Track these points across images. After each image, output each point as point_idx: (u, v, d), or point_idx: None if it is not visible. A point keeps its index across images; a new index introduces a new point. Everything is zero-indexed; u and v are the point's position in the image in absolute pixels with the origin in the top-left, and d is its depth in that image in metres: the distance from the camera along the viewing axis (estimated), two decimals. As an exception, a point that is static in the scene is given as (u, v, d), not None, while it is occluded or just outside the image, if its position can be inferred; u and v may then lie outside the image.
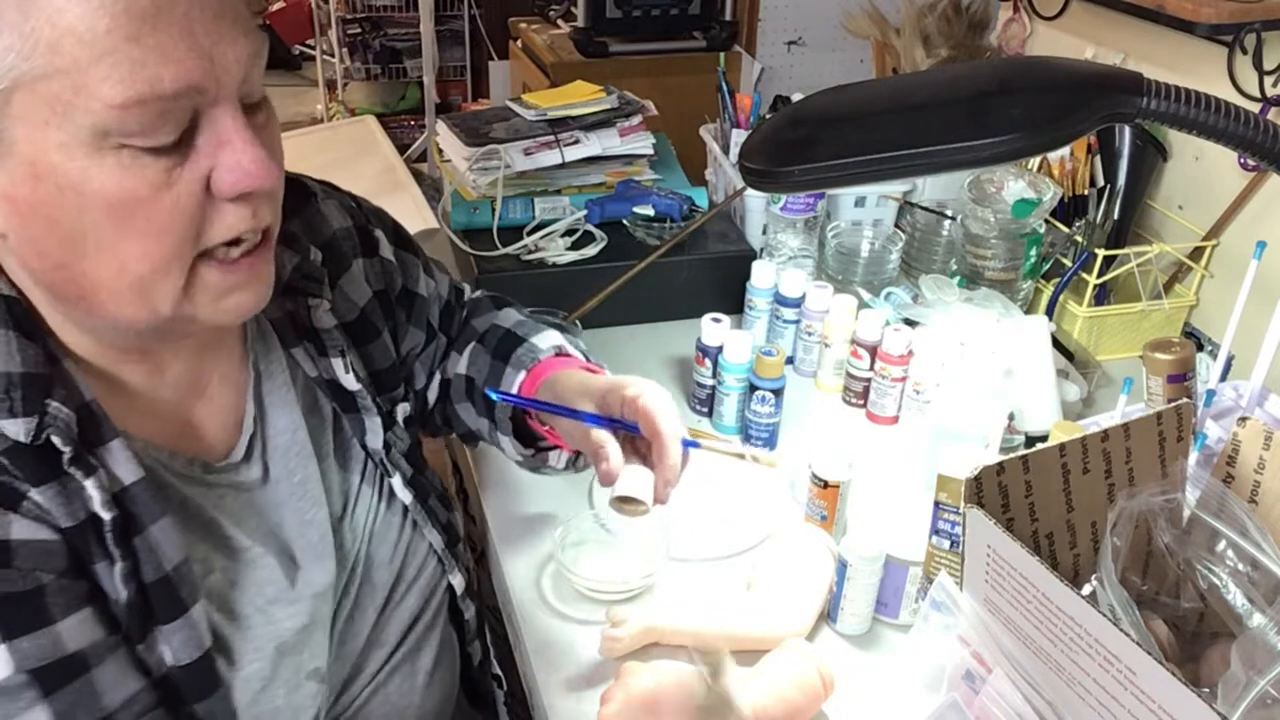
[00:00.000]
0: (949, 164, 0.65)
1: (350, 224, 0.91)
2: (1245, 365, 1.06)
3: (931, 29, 1.79)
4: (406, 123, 4.34)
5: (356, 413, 0.87)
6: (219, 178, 0.64)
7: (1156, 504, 0.76)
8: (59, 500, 0.65)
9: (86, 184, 0.61)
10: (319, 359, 0.85)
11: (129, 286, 0.65)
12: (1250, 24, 1.27)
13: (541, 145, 1.49)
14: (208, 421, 0.79)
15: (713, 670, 0.83)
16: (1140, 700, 0.59)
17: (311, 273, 0.85)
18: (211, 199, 0.65)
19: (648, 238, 1.47)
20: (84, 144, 0.60)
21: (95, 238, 0.63)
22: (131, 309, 0.66)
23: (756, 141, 0.73)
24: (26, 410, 0.64)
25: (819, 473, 1.07)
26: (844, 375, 1.34)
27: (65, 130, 0.59)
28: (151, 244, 0.64)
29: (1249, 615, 0.75)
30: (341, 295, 0.89)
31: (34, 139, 0.60)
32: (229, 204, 0.66)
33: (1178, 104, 0.63)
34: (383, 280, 0.94)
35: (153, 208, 0.63)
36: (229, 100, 0.64)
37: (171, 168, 0.63)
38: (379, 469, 0.88)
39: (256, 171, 0.65)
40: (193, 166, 0.64)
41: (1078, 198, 1.49)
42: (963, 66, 1.44)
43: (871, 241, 1.51)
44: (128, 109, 0.59)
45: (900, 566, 0.98)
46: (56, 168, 0.60)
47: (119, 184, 0.61)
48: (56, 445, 0.65)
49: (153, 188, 0.62)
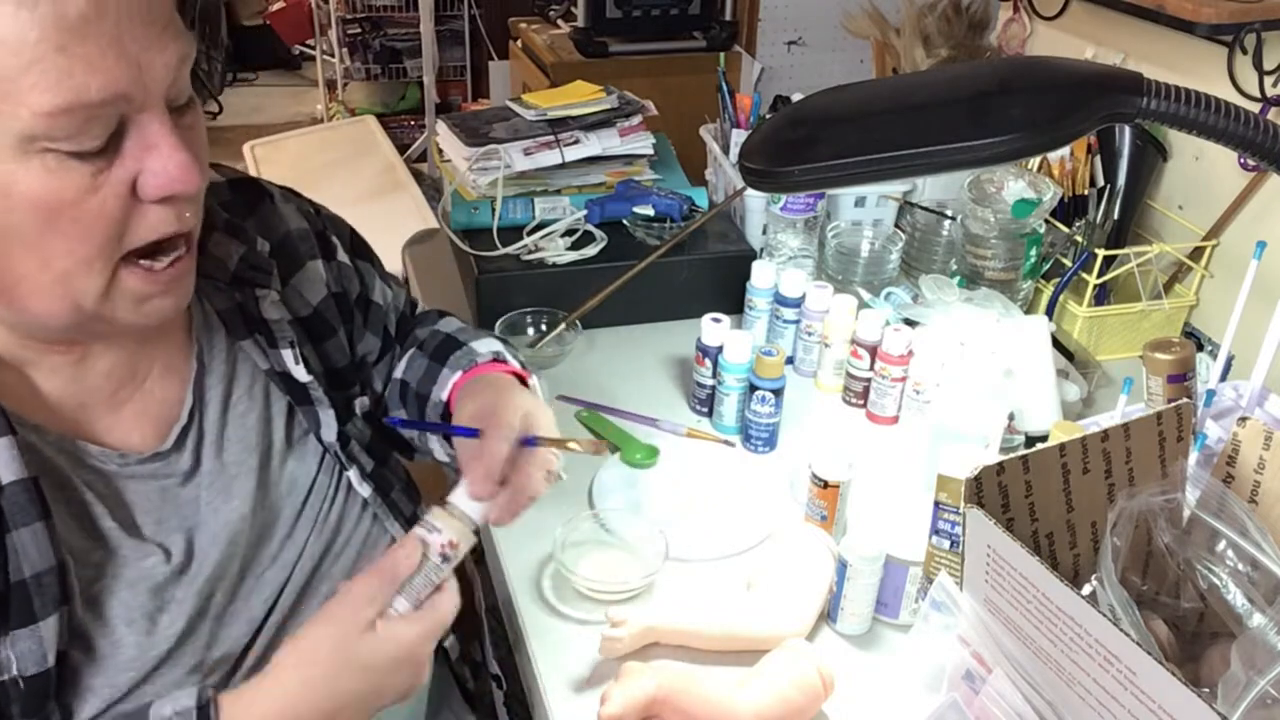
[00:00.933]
0: (949, 164, 0.65)
1: (307, 226, 0.92)
2: (1245, 365, 1.06)
3: (931, 29, 1.79)
4: (406, 123, 4.34)
5: (310, 405, 0.87)
6: (144, 182, 0.66)
7: (1156, 504, 0.76)
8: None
9: (13, 186, 0.62)
10: (270, 350, 0.85)
11: (52, 282, 0.66)
12: (1250, 24, 1.27)
13: (541, 145, 1.49)
14: (143, 412, 0.79)
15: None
16: (1140, 700, 0.59)
17: (259, 264, 0.85)
18: (137, 201, 0.66)
19: (648, 238, 1.47)
20: (10, 148, 0.61)
21: (20, 235, 0.64)
22: (53, 303, 0.67)
23: (756, 141, 0.73)
24: None
25: (819, 473, 1.07)
26: (844, 375, 1.34)
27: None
28: (76, 244, 0.65)
29: (1249, 615, 0.75)
30: (294, 292, 0.89)
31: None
32: (154, 206, 0.67)
33: (1178, 104, 0.63)
34: (340, 284, 0.94)
35: (78, 209, 0.64)
36: (156, 105, 0.65)
37: (98, 171, 0.64)
38: (336, 462, 0.88)
39: (182, 176, 0.66)
40: (119, 170, 0.65)
41: (1078, 198, 1.49)
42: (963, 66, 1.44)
43: (871, 241, 1.51)
44: (55, 116, 0.60)
45: (900, 566, 0.98)
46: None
47: (45, 186, 0.62)
48: None
49: (79, 191, 0.63)
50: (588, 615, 1.00)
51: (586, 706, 0.91)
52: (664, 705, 0.87)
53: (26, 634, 0.68)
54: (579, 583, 1.02)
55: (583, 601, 1.02)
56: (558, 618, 1.01)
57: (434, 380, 0.96)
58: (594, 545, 1.07)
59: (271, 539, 0.84)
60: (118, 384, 0.78)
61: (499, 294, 1.40)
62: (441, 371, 0.96)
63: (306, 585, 0.86)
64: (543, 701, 0.93)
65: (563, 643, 0.98)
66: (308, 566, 0.86)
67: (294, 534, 0.85)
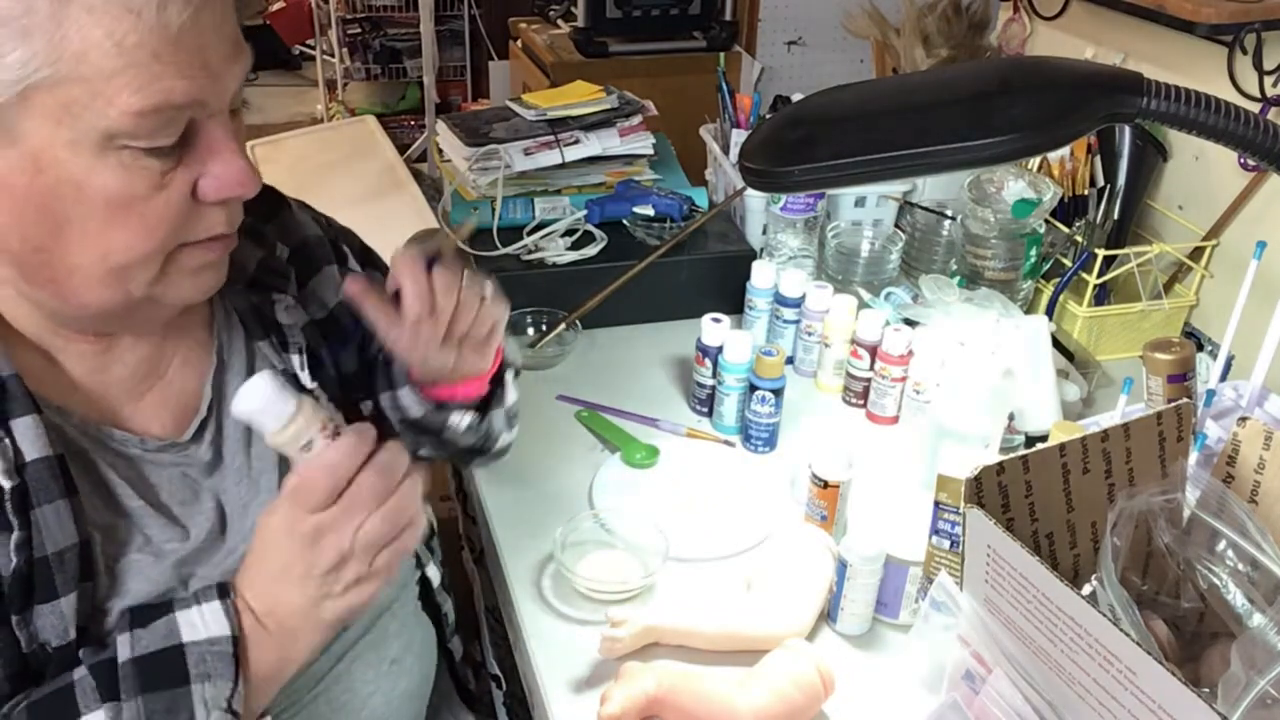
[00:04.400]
0: (949, 164, 0.65)
1: (321, 234, 0.95)
2: (1245, 365, 1.06)
3: (931, 29, 1.79)
4: (406, 123, 4.34)
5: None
6: (205, 184, 0.69)
7: (1156, 504, 0.76)
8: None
9: (88, 180, 0.65)
10: (281, 353, 0.88)
11: (107, 272, 0.69)
12: (1250, 24, 1.28)
13: (541, 145, 1.49)
14: (163, 403, 0.81)
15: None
16: (1140, 700, 0.59)
17: (277, 268, 0.89)
18: (195, 202, 0.70)
19: (648, 238, 1.47)
20: (92, 144, 0.64)
21: (83, 227, 0.67)
22: (103, 292, 0.70)
23: (756, 141, 0.73)
24: None
25: (819, 473, 1.07)
26: (844, 375, 1.34)
27: (75, 130, 0.63)
28: (137, 239, 0.68)
29: (1249, 615, 0.75)
30: (312, 295, 0.92)
31: (44, 135, 0.64)
32: (211, 207, 0.71)
33: (1178, 104, 0.63)
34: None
35: (145, 205, 0.67)
36: (223, 111, 0.69)
37: (166, 170, 0.67)
38: None
39: (241, 180, 0.70)
40: (184, 171, 0.68)
41: (1078, 198, 1.49)
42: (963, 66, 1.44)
43: (871, 241, 1.51)
44: (141, 116, 0.63)
45: (900, 566, 0.98)
46: (61, 163, 0.64)
47: (119, 181, 0.66)
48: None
49: (148, 188, 0.67)
50: (588, 615, 1.00)
51: (586, 706, 0.91)
52: (664, 705, 0.87)
53: (48, 610, 0.70)
54: (579, 583, 1.02)
55: (583, 601, 1.02)
56: (558, 618, 1.01)
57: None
58: (594, 545, 1.07)
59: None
60: (140, 375, 0.80)
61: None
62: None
63: None
64: (543, 701, 0.93)
65: (563, 643, 0.98)
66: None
67: None
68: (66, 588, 0.71)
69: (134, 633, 0.71)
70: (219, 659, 0.71)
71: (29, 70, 0.61)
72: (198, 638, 0.71)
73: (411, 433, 0.96)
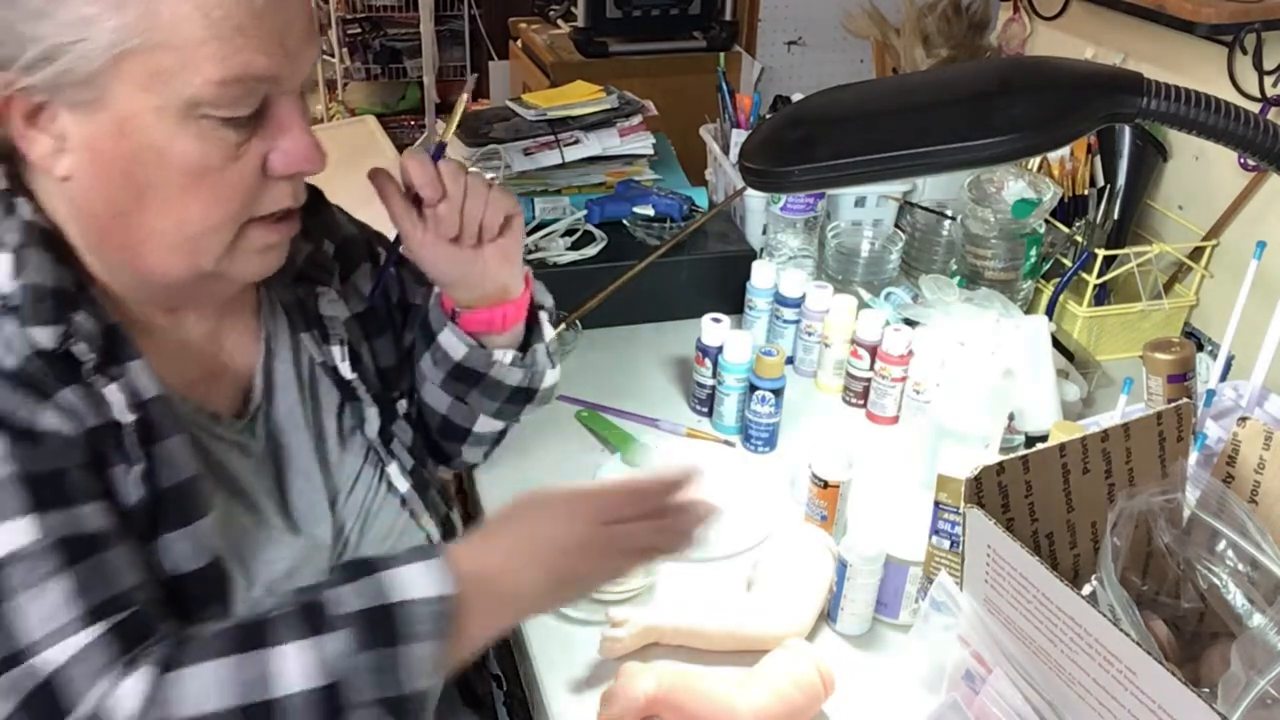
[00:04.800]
0: (949, 164, 0.65)
1: (358, 233, 0.99)
2: (1245, 365, 1.06)
3: (931, 29, 1.79)
4: (406, 123, 4.33)
5: (356, 401, 0.91)
6: (275, 159, 0.73)
7: (1156, 504, 0.76)
8: (85, 402, 0.70)
9: (169, 147, 0.69)
10: (322, 345, 0.90)
11: (182, 240, 0.73)
12: (1250, 24, 1.27)
13: (541, 145, 1.49)
14: (215, 386, 0.84)
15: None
16: (1140, 700, 0.59)
17: (323, 263, 0.92)
18: (265, 176, 0.74)
19: (648, 238, 1.47)
20: (175, 111, 0.68)
21: (162, 193, 0.71)
22: (176, 260, 0.74)
23: (756, 141, 0.73)
24: (54, 319, 0.70)
25: (819, 473, 1.07)
26: (844, 375, 1.34)
27: (161, 97, 0.67)
28: (211, 206, 0.72)
29: (1249, 615, 0.75)
30: (353, 288, 0.95)
31: (133, 99, 0.67)
32: (279, 181, 0.75)
33: (1178, 104, 0.63)
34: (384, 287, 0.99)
35: (220, 175, 0.71)
36: (295, 90, 0.73)
37: (241, 142, 0.71)
38: (378, 456, 0.93)
39: (309, 155, 0.74)
40: (257, 144, 0.72)
41: (1078, 198, 1.49)
42: (963, 66, 1.44)
43: (871, 241, 1.51)
44: (222, 85, 0.68)
45: (900, 566, 0.98)
46: (146, 128, 0.68)
47: (198, 150, 0.70)
48: (79, 355, 0.70)
49: (224, 158, 0.71)
50: (588, 615, 1.00)
51: (586, 706, 0.91)
52: (664, 705, 0.87)
53: (187, 533, 0.74)
54: (579, 583, 1.02)
55: (583, 602, 1.02)
56: (558, 618, 1.01)
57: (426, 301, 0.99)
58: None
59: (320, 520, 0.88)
60: (201, 354, 0.83)
61: (499, 294, 1.40)
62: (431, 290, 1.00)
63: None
64: (543, 701, 0.93)
65: (563, 643, 0.98)
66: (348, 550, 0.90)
67: (336, 517, 0.89)
68: (200, 511, 0.75)
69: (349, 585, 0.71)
70: (433, 621, 0.70)
71: (122, 37, 0.65)
72: (416, 595, 0.70)
73: (459, 384, 0.97)
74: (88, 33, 0.65)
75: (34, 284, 0.70)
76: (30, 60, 0.66)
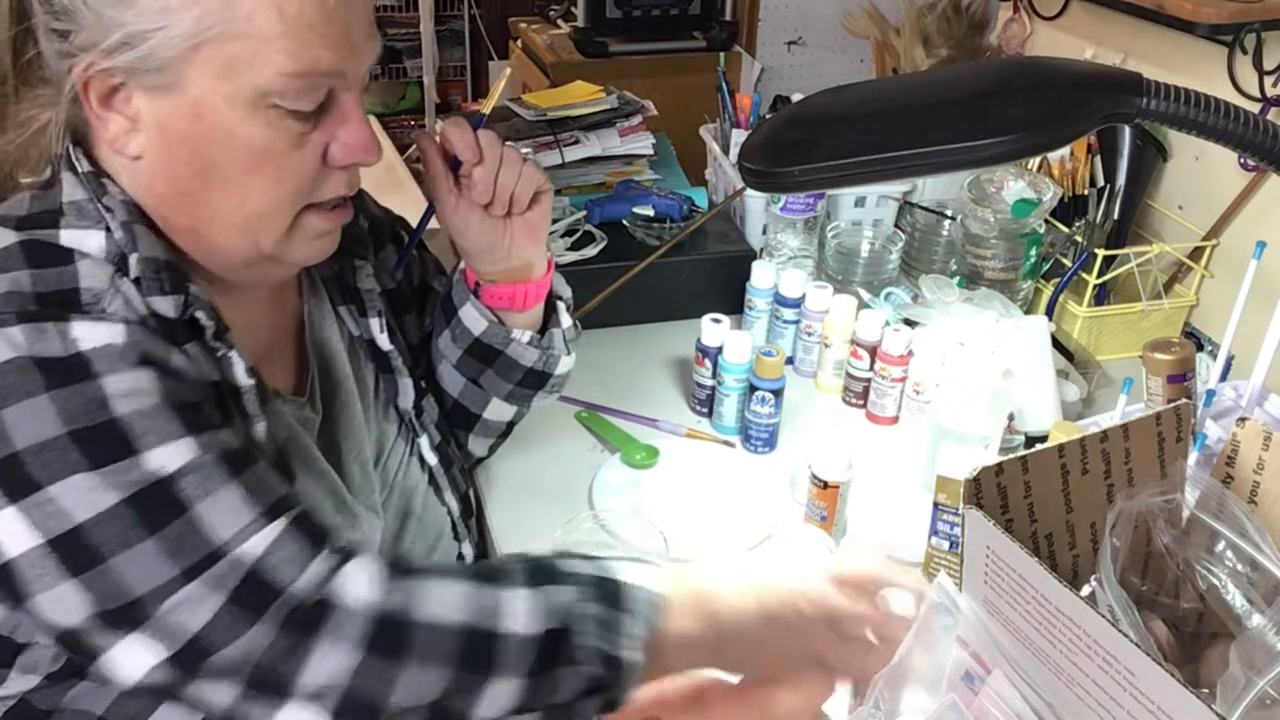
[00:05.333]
0: (949, 164, 0.65)
1: (383, 215, 1.03)
2: (1245, 365, 1.06)
3: (931, 29, 1.79)
4: (406, 122, 4.33)
5: (391, 373, 0.96)
6: (335, 149, 0.77)
7: (1156, 504, 0.76)
8: (206, 359, 0.75)
9: (238, 131, 0.72)
10: (359, 319, 0.95)
11: (243, 220, 0.76)
12: (1250, 24, 1.27)
13: (541, 145, 1.49)
14: (272, 364, 0.88)
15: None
16: (1139, 701, 0.59)
17: (359, 235, 0.96)
18: (325, 165, 0.77)
19: (648, 238, 1.47)
20: (245, 99, 0.71)
21: (227, 174, 0.74)
22: (236, 240, 0.77)
23: (756, 141, 0.73)
24: (174, 289, 0.74)
25: (819, 473, 1.07)
26: (844, 375, 1.34)
27: (235, 84, 0.71)
28: (272, 189, 0.75)
29: (1248, 615, 0.75)
30: (383, 266, 0.99)
31: (206, 85, 0.71)
32: (337, 171, 0.78)
33: (1178, 104, 0.63)
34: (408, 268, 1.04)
35: (283, 160, 0.74)
36: (356, 86, 0.77)
37: (305, 132, 0.74)
38: (409, 428, 0.97)
39: (367, 147, 0.77)
40: (319, 135, 0.76)
41: (1078, 198, 1.49)
42: (963, 66, 1.44)
43: (871, 241, 1.51)
44: (291, 78, 0.71)
45: (900, 567, 0.98)
46: (218, 112, 0.71)
47: (265, 136, 0.73)
48: (201, 321, 0.75)
49: (288, 145, 0.74)
50: (587, 615, 1.00)
51: (586, 707, 0.91)
52: (664, 706, 0.87)
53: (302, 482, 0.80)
54: (578, 583, 1.02)
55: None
56: (557, 618, 1.01)
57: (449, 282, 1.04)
58: (594, 546, 1.07)
59: (370, 489, 0.92)
60: (259, 333, 0.87)
61: (499, 294, 1.40)
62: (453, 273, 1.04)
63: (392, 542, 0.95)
64: (542, 702, 0.93)
65: (562, 643, 0.98)
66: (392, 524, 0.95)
67: (380, 487, 0.94)
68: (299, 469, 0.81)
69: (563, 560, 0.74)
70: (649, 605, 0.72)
71: (201, 28, 0.68)
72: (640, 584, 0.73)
73: (475, 363, 1.01)
74: (169, 21, 0.68)
75: (150, 256, 0.74)
76: (112, 45, 0.69)
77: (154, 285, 0.73)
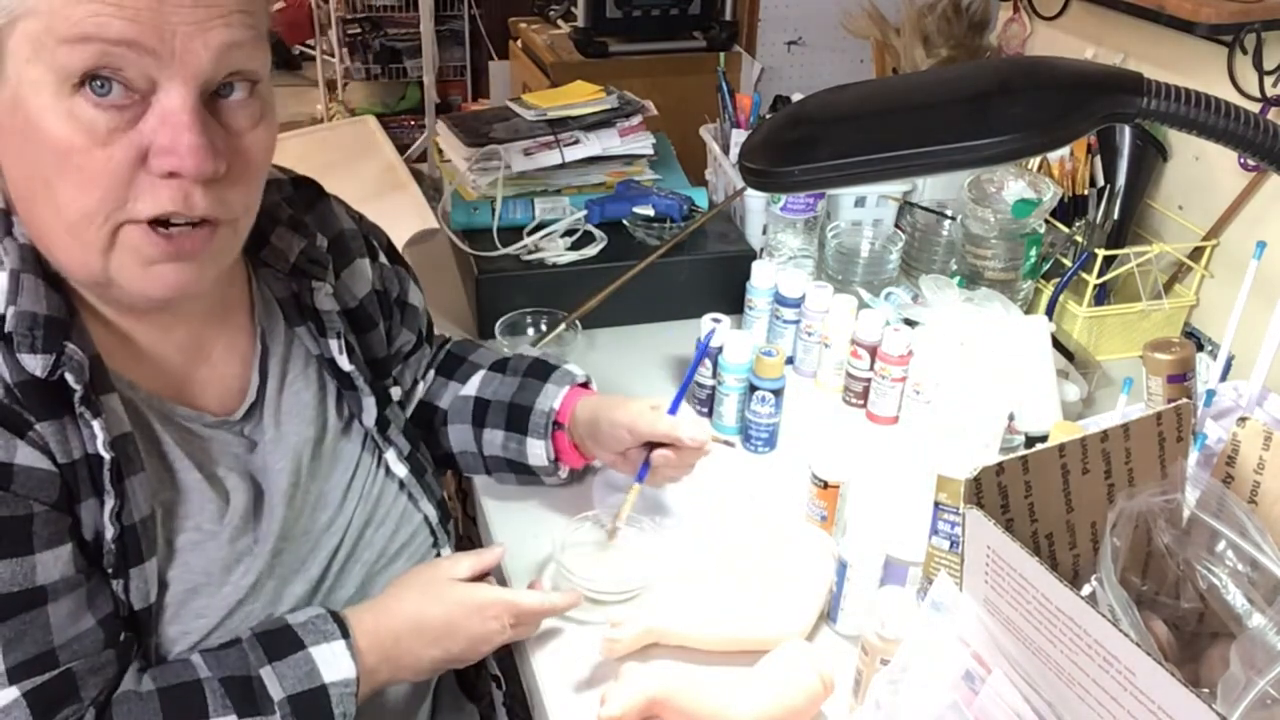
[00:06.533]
0: (949, 164, 0.65)
1: (356, 227, 0.99)
2: (1245, 365, 1.06)
3: (931, 29, 1.79)
4: (406, 123, 4.33)
5: (353, 391, 0.94)
6: (151, 154, 0.68)
7: (1156, 504, 0.76)
8: (60, 437, 0.70)
9: (42, 122, 0.66)
10: (319, 339, 0.92)
11: (65, 231, 0.69)
12: (1250, 24, 1.27)
13: (541, 145, 1.49)
14: (210, 385, 0.85)
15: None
16: (1140, 701, 0.59)
17: (317, 257, 0.92)
18: (146, 171, 0.68)
19: (648, 238, 1.47)
20: (50, 85, 0.65)
21: (44, 176, 0.68)
22: (72, 255, 0.71)
23: (756, 141, 0.73)
24: (46, 348, 0.69)
25: (819, 473, 1.07)
26: (844, 375, 1.34)
27: (39, 69, 0.65)
28: (78, 193, 0.68)
29: (1249, 615, 0.75)
30: (344, 285, 0.96)
31: (19, 73, 0.66)
32: (161, 180, 0.69)
33: (1178, 104, 0.63)
34: (382, 283, 1.01)
35: (85, 158, 0.67)
36: (186, 81, 0.67)
37: (114, 129, 0.66)
38: (375, 444, 0.96)
39: (185, 155, 0.67)
40: (134, 135, 0.67)
41: (1078, 198, 1.49)
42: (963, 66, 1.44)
43: (871, 241, 1.51)
44: (73, 44, 0.63)
45: (900, 566, 0.98)
46: (27, 102, 0.66)
47: (64, 129, 0.66)
48: (69, 383, 0.70)
49: (90, 141, 0.66)
50: (588, 616, 1.00)
51: (586, 707, 0.91)
52: (663, 706, 0.87)
53: (136, 573, 0.75)
54: (579, 584, 1.02)
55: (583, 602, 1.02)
56: (558, 618, 1.01)
57: (535, 394, 1.08)
58: (594, 546, 1.07)
59: (326, 507, 0.90)
60: (190, 357, 0.84)
61: (499, 294, 1.40)
62: (545, 387, 1.08)
63: (352, 551, 0.92)
64: (542, 702, 0.93)
65: (563, 643, 0.98)
66: (354, 535, 0.92)
67: (344, 505, 0.91)
68: (147, 554, 0.76)
69: (274, 666, 0.77)
70: (349, 700, 0.80)
71: (9, 6, 0.64)
72: (335, 678, 0.80)
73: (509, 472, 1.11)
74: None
75: (28, 310, 0.70)
76: None
77: (24, 342, 0.69)
